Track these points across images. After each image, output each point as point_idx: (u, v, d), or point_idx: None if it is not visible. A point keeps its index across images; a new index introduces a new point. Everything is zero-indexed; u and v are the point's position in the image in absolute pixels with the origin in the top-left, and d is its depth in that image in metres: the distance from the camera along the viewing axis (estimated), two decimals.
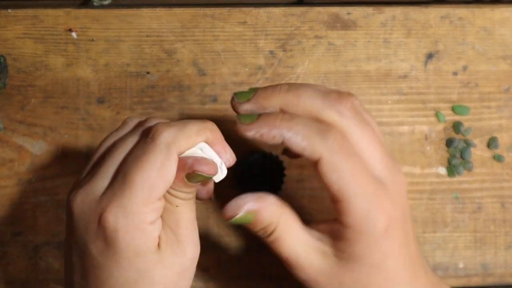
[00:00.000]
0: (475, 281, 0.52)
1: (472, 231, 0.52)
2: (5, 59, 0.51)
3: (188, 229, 0.39)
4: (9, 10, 0.51)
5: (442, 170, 0.52)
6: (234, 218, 0.38)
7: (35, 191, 0.51)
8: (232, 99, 0.41)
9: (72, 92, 0.51)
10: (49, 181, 0.51)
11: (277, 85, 0.40)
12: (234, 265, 0.51)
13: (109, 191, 0.38)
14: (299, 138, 0.38)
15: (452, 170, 0.52)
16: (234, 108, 0.41)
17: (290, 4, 0.53)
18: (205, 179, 0.38)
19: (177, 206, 0.39)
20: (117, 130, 0.41)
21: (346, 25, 0.53)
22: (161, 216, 0.39)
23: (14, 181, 0.51)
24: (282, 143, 0.38)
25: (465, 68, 0.53)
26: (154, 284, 0.38)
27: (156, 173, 0.37)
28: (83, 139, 0.51)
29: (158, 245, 0.38)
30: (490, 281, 0.52)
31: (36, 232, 0.51)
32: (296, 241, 0.39)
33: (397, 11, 0.53)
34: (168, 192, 0.38)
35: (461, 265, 0.52)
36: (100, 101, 0.51)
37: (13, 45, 0.51)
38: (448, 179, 0.52)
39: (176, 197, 0.39)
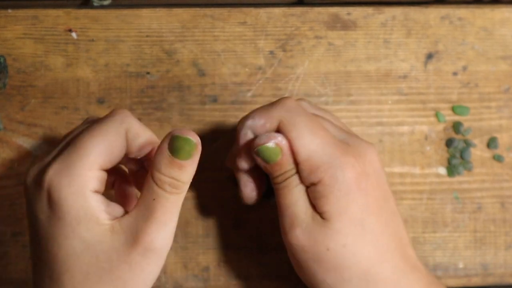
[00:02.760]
0: (475, 281, 0.52)
1: (472, 231, 0.52)
2: (5, 59, 0.51)
3: (156, 228, 0.38)
4: (9, 10, 0.51)
5: (442, 170, 0.52)
6: (263, 146, 0.39)
7: None
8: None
9: (72, 92, 0.51)
10: None
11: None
12: (234, 265, 0.51)
13: (57, 158, 0.38)
14: (257, 120, 0.41)
15: (452, 170, 0.52)
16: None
17: (290, 4, 0.53)
18: (190, 148, 0.37)
19: (154, 199, 0.38)
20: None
21: (346, 25, 0.53)
22: (137, 204, 0.38)
23: (14, 181, 0.51)
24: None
25: (465, 68, 0.53)
26: (100, 260, 0.37)
27: (105, 142, 0.38)
28: None
29: (114, 228, 0.37)
30: (490, 281, 0.52)
31: None
32: (300, 195, 0.40)
33: (397, 11, 0.53)
34: (152, 177, 0.38)
35: (461, 265, 0.52)
36: (100, 101, 0.51)
37: (13, 45, 0.51)
38: (448, 179, 0.52)
39: (158, 183, 0.37)
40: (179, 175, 0.37)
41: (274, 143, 0.39)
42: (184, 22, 0.52)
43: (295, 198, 0.40)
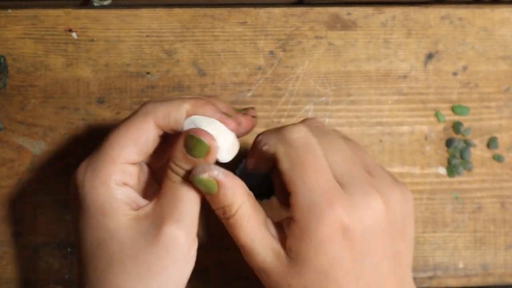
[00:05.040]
0: (475, 281, 0.52)
1: (472, 231, 0.52)
2: (5, 60, 0.51)
3: (183, 210, 0.38)
4: (9, 10, 0.51)
5: (442, 170, 0.52)
6: (198, 176, 0.37)
7: (35, 191, 0.51)
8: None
9: (72, 92, 0.51)
10: (49, 181, 0.51)
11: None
12: (234, 265, 0.51)
13: (89, 155, 0.40)
14: (264, 140, 0.39)
15: (452, 170, 0.52)
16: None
17: (290, 4, 0.53)
18: (205, 150, 0.37)
19: (174, 181, 0.38)
20: None
21: (346, 25, 0.53)
22: (160, 192, 0.39)
23: (14, 181, 0.51)
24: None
25: (465, 68, 0.53)
26: (124, 248, 0.38)
27: (129, 135, 0.38)
28: (83, 139, 0.51)
29: (139, 216, 0.38)
30: (490, 281, 0.52)
31: (36, 232, 0.51)
32: (253, 233, 0.38)
33: (397, 12, 0.53)
34: (169, 167, 0.39)
35: (461, 265, 0.52)
36: (100, 101, 0.51)
37: (13, 45, 0.51)
38: (448, 179, 0.52)
39: (174, 172, 0.38)
40: (193, 169, 0.38)
41: (208, 175, 0.38)
42: (184, 22, 0.52)
43: (249, 237, 0.39)
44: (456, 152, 0.52)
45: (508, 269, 0.52)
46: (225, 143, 0.39)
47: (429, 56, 0.53)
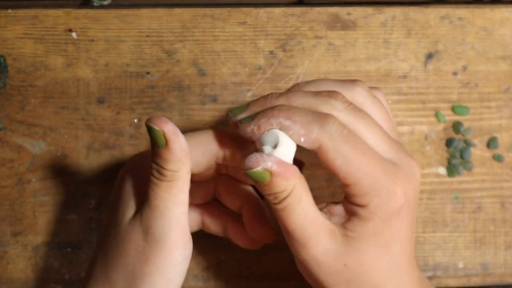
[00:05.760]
0: (475, 281, 0.52)
1: (472, 231, 0.52)
2: (5, 59, 0.51)
3: (165, 212, 0.38)
4: (9, 10, 0.51)
5: (442, 170, 0.52)
6: (251, 170, 0.36)
7: (35, 191, 0.51)
8: (228, 116, 0.40)
9: (72, 92, 0.51)
10: (49, 181, 0.51)
11: (267, 94, 0.40)
12: (234, 265, 0.51)
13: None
14: (297, 126, 0.37)
15: (452, 170, 0.52)
16: (231, 124, 0.40)
17: (290, 4, 0.53)
18: (161, 137, 0.37)
19: (153, 180, 0.38)
20: None
21: (346, 25, 0.53)
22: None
23: (14, 181, 0.51)
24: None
25: (465, 68, 0.53)
26: (120, 249, 0.39)
27: (188, 143, 0.38)
28: (83, 139, 0.51)
29: (135, 219, 0.39)
30: (490, 281, 0.52)
31: (36, 232, 0.51)
32: (306, 214, 0.38)
33: (397, 11, 0.53)
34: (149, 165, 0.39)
35: (461, 265, 0.52)
36: (100, 101, 0.51)
37: (13, 45, 0.51)
38: (448, 179, 0.52)
39: (153, 169, 0.38)
40: (162, 162, 0.38)
41: (262, 168, 0.36)
42: (184, 22, 0.52)
43: (300, 220, 0.38)
44: (456, 152, 0.52)
45: (508, 269, 0.52)
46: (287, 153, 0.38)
47: (429, 56, 0.53)
